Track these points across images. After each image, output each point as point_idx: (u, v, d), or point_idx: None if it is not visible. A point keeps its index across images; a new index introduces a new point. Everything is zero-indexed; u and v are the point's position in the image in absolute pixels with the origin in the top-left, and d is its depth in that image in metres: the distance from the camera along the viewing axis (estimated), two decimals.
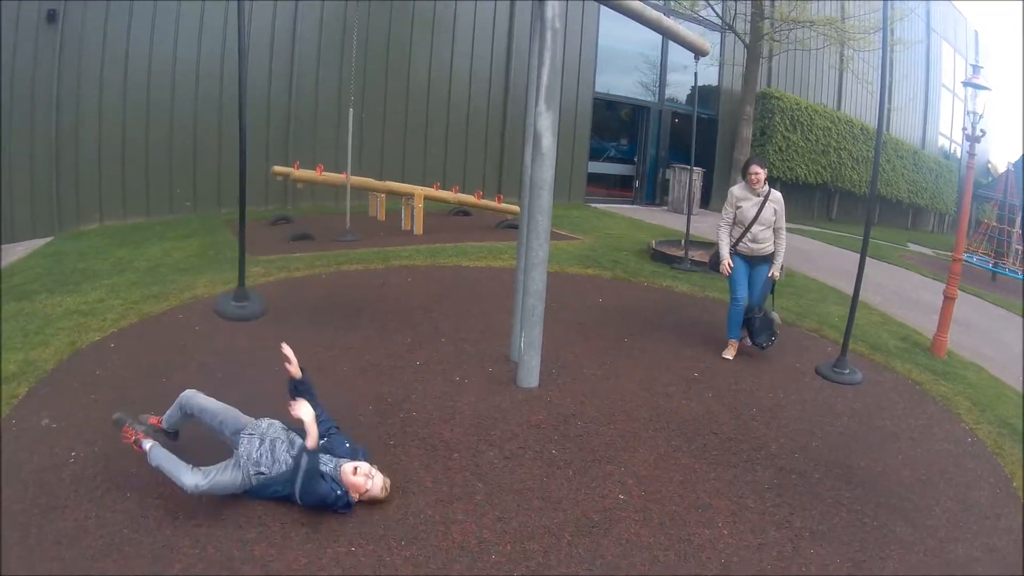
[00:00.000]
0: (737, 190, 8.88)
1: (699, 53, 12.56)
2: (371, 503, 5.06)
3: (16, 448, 5.63)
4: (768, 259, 8.89)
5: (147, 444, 5.08)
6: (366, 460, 5.25)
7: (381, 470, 5.24)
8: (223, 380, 6.94)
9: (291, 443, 5.22)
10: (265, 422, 5.39)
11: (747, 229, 8.70)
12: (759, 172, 8.59)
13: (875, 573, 4.75)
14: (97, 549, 4.45)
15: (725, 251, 8.84)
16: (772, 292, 9.15)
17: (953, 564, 4.94)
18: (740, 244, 8.81)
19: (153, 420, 5.59)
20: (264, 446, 5.11)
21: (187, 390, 5.54)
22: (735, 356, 8.76)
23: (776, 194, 8.77)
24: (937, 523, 5.48)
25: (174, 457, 5.03)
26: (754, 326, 8.83)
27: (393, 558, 4.56)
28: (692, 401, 7.33)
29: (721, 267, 8.86)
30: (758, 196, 8.69)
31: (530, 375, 7.26)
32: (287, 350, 5.22)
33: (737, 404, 7.36)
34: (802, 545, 5.00)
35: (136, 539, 4.57)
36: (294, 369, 5.58)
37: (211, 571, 4.32)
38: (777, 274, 8.99)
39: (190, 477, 4.82)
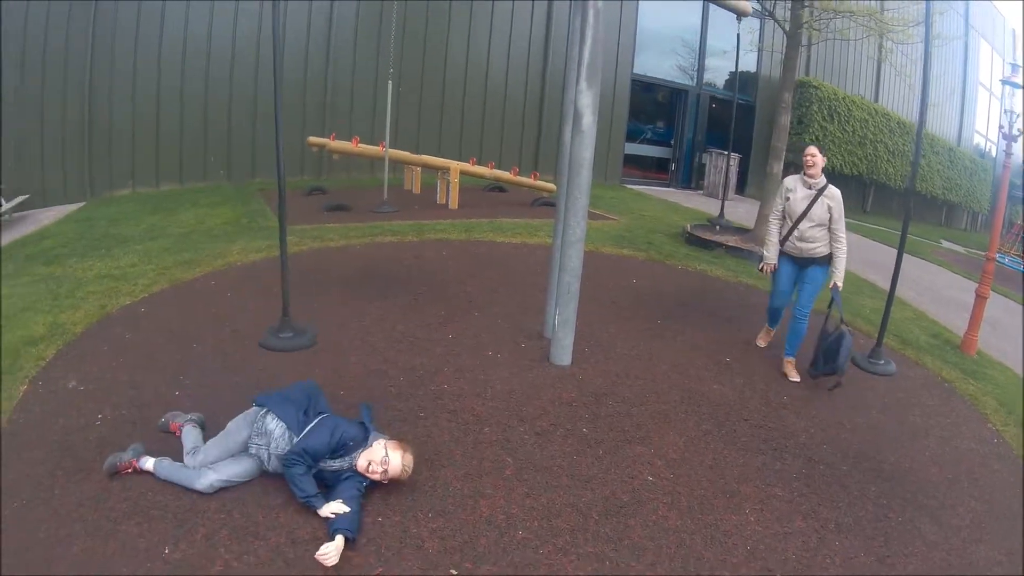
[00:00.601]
0: (790, 180, 7.99)
1: (741, 14, 12.52)
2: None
3: (42, 410, 5.71)
4: (821, 262, 7.84)
5: (147, 463, 5.00)
6: (376, 434, 5.15)
7: (409, 444, 5.15)
8: (253, 348, 6.99)
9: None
10: (266, 430, 5.07)
11: (795, 225, 7.81)
12: (814, 155, 7.69)
13: (898, 569, 4.76)
14: (121, 512, 4.51)
15: (769, 249, 8.10)
16: (838, 305, 7.66)
17: (975, 565, 4.94)
18: (787, 242, 7.97)
19: (173, 426, 5.55)
20: (273, 461, 4.97)
21: (185, 458, 5.15)
22: (767, 344, 8.66)
23: (833, 190, 7.74)
24: (961, 523, 5.47)
25: (179, 465, 4.99)
26: (820, 347, 7.65)
27: (419, 529, 4.60)
28: (724, 386, 7.34)
29: (761, 265, 8.22)
30: (810, 189, 7.75)
31: (563, 353, 7.29)
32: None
33: (768, 391, 7.37)
34: (827, 536, 5.00)
35: (161, 502, 4.63)
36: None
37: (236, 536, 4.38)
38: (839, 283, 7.69)
39: (201, 481, 4.78)
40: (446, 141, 19.45)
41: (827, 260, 7.86)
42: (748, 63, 24.55)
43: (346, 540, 4.34)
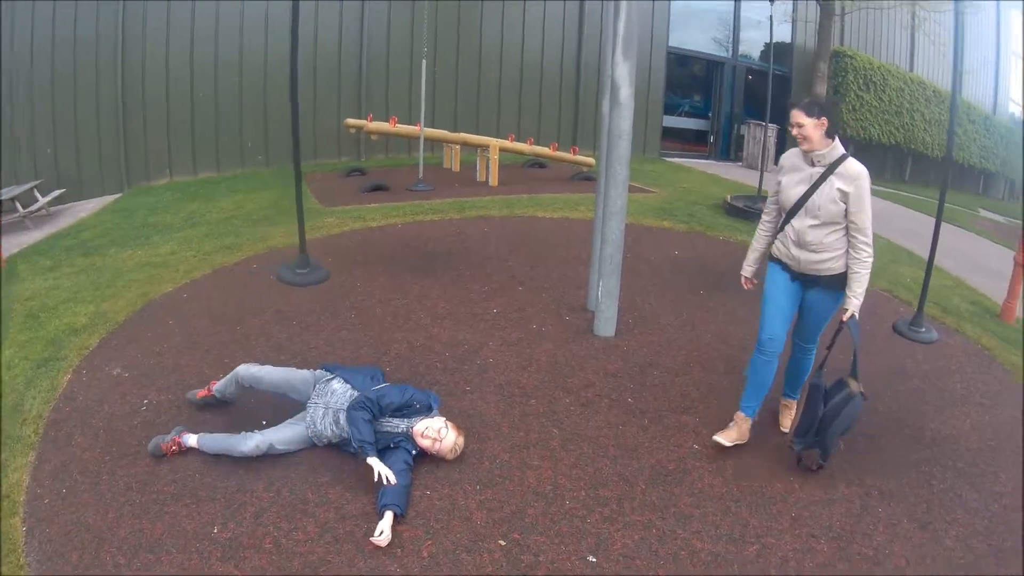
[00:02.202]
0: (788, 156, 5.63)
1: None
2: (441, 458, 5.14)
3: (86, 397, 5.86)
4: (834, 282, 5.42)
5: (191, 440, 5.13)
6: (438, 414, 5.29)
7: (457, 421, 5.35)
8: (297, 329, 7.11)
9: None
10: (327, 385, 5.37)
11: (787, 221, 5.52)
12: (801, 122, 5.22)
13: (941, 535, 4.79)
14: (169, 494, 4.66)
15: (749, 256, 6.11)
16: (855, 346, 5.39)
17: (1015, 531, 4.95)
18: (778, 245, 5.69)
19: (201, 393, 5.72)
20: (328, 418, 5.15)
21: (241, 365, 5.57)
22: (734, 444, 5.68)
23: (854, 166, 5.18)
24: (1003, 489, 5.46)
25: (223, 435, 5.13)
26: (812, 408, 5.34)
27: (468, 501, 4.71)
28: None
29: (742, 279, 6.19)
30: (813, 165, 5.32)
31: (607, 324, 7.36)
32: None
33: None
34: (871, 503, 5.05)
35: (209, 483, 4.78)
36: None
37: (285, 513, 4.51)
38: (856, 312, 5.32)
39: (247, 443, 4.94)
40: (483, 118, 19.45)
41: (840, 282, 5.41)
42: (783, 34, 24.39)
43: (395, 516, 4.44)
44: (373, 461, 4.65)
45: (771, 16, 15.68)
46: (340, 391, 5.26)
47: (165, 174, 15.71)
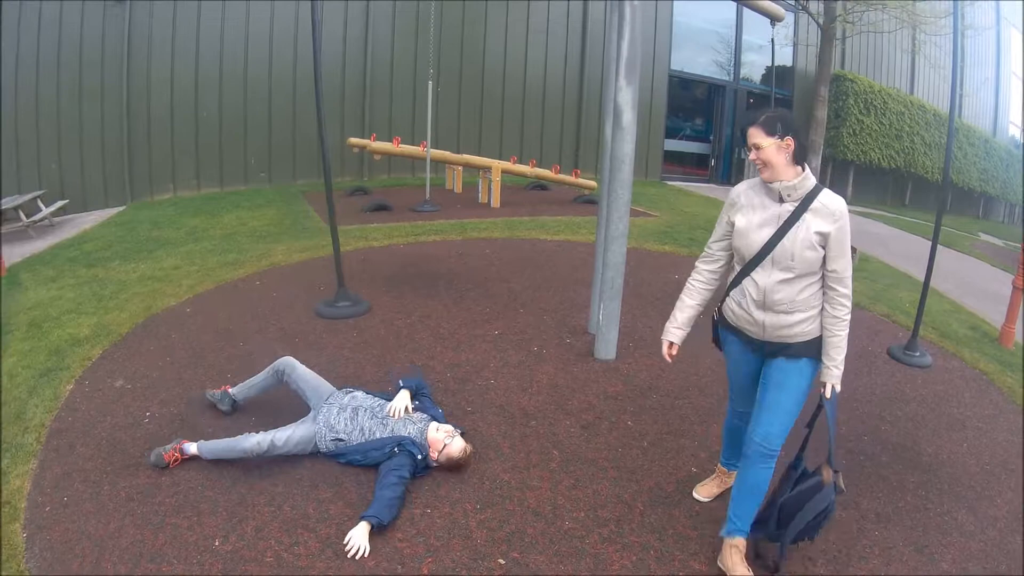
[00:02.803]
0: (741, 189, 4.40)
1: (775, 19, 12.59)
2: (449, 468, 5.23)
3: (89, 407, 5.93)
4: (806, 348, 4.24)
5: (191, 448, 5.22)
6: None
7: (463, 436, 5.43)
8: (300, 346, 7.16)
9: (373, 411, 5.41)
10: (348, 394, 5.57)
11: (743, 274, 4.34)
12: (759, 143, 4.04)
13: (937, 558, 4.81)
14: (170, 506, 4.69)
15: (674, 315, 4.96)
16: (831, 426, 4.29)
17: (1012, 556, 4.96)
18: (732, 308, 4.50)
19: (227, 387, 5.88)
20: (345, 413, 5.31)
21: (286, 357, 5.75)
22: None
23: (832, 200, 4.04)
24: (999, 514, 5.46)
25: (222, 440, 5.23)
26: (778, 493, 4.46)
27: (468, 520, 4.73)
28: None
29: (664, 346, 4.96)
30: (781, 201, 4.13)
31: (608, 347, 7.39)
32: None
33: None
34: (867, 526, 5.06)
35: (211, 497, 4.82)
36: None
37: (286, 528, 4.54)
38: (837, 385, 4.24)
39: (247, 440, 5.06)
40: (486, 140, 19.58)
41: (814, 348, 4.25)
42: (784, 57, 24.52)
43: (375, 527, 4.49)
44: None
45: (772, 39, 15.79)
46: (362, 396, 5.51)
47: (168, 189, 15.83)
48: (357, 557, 4.29)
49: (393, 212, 13.37)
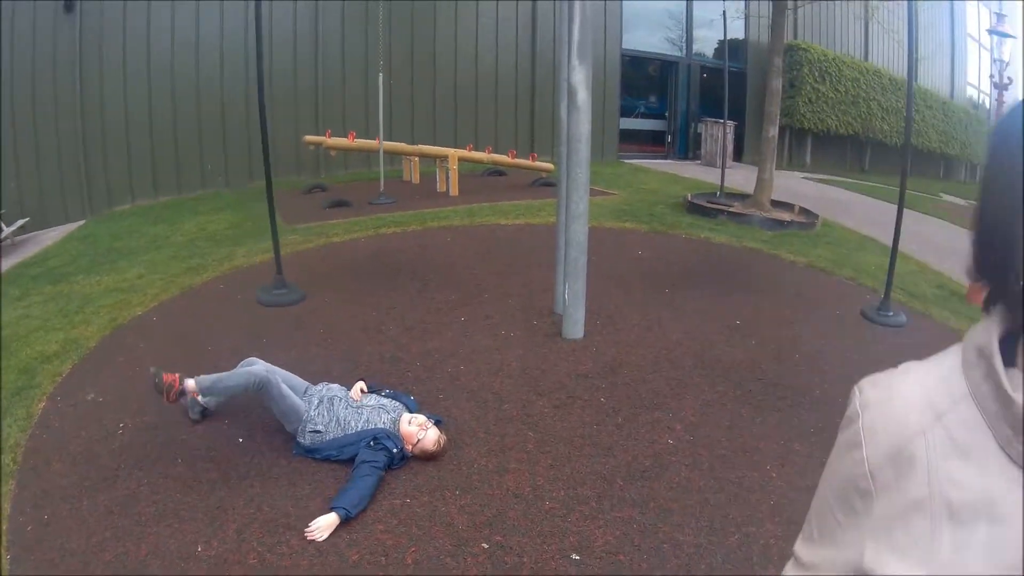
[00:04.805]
0: (917, 416, 1.07)
1: None
2: (425, 458, 5.18)
3: (62, 423, 5.80)
4: None
5: (190, 383, 5.26)
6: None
7: (437, 425, 5.40)
8: (268, 346, 7.08)
9: (347, 400, 5.39)
10: (324, 386, 5.58)
11: None
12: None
13: None
14: (150, 516, 4.59)
15: None
16: None
17: None
18: None
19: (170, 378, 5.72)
20: (322, 405, 5.28)
21: (260, 371, 5.49)
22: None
23: None
24: None
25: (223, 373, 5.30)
26: None
27: (448, 507, 4.68)
28: (735, 348, 7.37)
29: None
30: None
31: (575, 326, 7.36)
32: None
33: (780, 350, 7.37)
34: None
35: (189, 502, 4.72)
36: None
37: (267, 529, 4.46)
38: None
39: (256, 365, 5.22)
40: (441, 129, 19.51)
41: None
42: (736, 30, 24.57)
43: (343, 519, 4.46)
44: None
45: (724, 12, 15.82)
46: (336, 387, 5.57)
47: (127, 199, 15.66)
48: (317, 540, 4.30)
49: (352, 207, 13.27)
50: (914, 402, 1.03)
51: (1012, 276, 0.94)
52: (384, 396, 5.63)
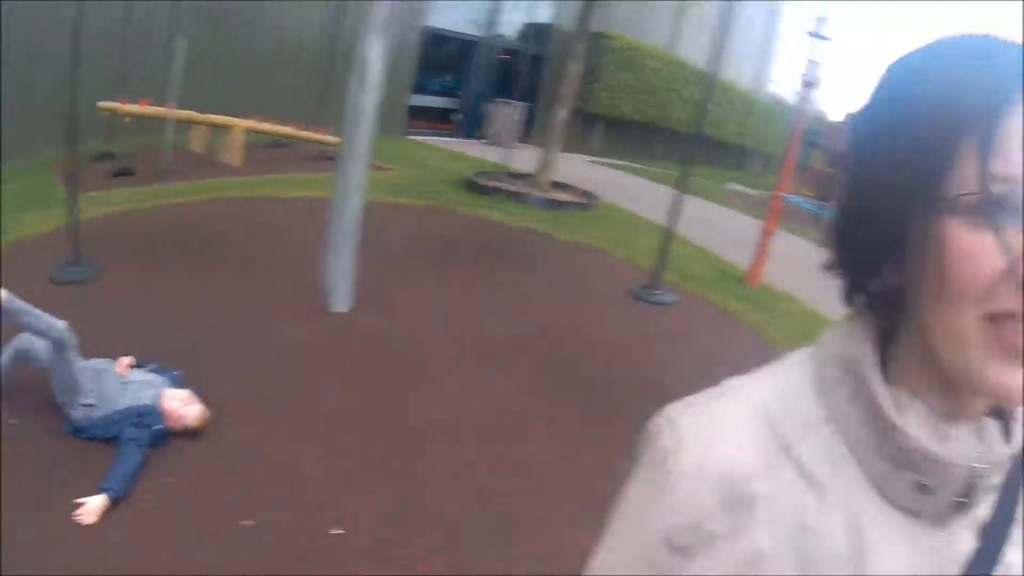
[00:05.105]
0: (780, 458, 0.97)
1: None
2: (188, 434, 5.06)
3: None
4: None
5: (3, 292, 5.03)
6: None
7: (202, 400, 5.27)
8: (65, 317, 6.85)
9: (113, 373, 5.23)
10: (93, 360, 5.31)
11: None
12: None
13: None
14: None
15: None
16: None
17: None
18: None
19: None
20: (93, 379, 5.08)
21: (21, 335, 5.35)
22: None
23: None
24: None
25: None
26: None
27: (211, 484, 4.63)
28: (504, 326, 7.50)
29: None
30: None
31: (343, 301, 7.38)
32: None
33: (548, 328, 7.55)
34: (615, 461, 5.16)
35: None
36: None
37: (29, 512, 4.22)
38: None
39: (63, 324, 4.94)
40: (233, 98, 19.16)
41: None
42: (542, 15, 24.81)
43: (113, 500, 4.30)
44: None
45: None
46: (105, 361, 5.39)
47: None
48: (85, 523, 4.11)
49: (137, 176, 12.91)
50: (750, 431, 0.85)
51: (887, 268, 0.84)
52: (149, 371, 5.48)
